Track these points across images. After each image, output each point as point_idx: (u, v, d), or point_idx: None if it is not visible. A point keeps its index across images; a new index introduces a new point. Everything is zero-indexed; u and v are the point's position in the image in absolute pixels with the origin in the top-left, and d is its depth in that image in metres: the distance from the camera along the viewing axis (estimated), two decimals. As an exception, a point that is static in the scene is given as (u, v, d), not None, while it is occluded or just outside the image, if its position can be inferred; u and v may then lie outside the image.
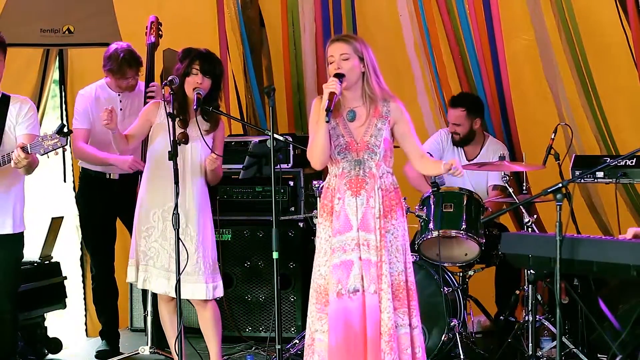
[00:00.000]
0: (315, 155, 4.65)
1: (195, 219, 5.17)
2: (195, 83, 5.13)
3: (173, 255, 4.96)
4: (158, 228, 5.17)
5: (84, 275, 6.90)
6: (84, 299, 6.92)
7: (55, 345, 6.37)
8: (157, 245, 5.17)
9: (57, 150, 4.88)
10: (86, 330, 6.97)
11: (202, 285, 5.16)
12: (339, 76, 4.56)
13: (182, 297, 5.15)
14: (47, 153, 4.90)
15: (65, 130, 4.88)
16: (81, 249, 6.75)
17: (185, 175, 5.17)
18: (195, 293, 5.16)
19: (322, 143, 4.60)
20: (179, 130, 5.09)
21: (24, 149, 4.88)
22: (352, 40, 4.66)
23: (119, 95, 6.15)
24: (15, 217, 5.22)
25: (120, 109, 6.14)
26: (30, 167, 5.08)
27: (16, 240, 5.26)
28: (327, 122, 4.51)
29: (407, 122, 4.71)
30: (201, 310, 5.27)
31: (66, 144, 4.89)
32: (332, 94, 4.50)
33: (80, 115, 6.11)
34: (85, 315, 6.94)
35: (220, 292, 5.26)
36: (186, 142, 5.11)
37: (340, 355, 4.55)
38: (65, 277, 6.47)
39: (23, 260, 6.08)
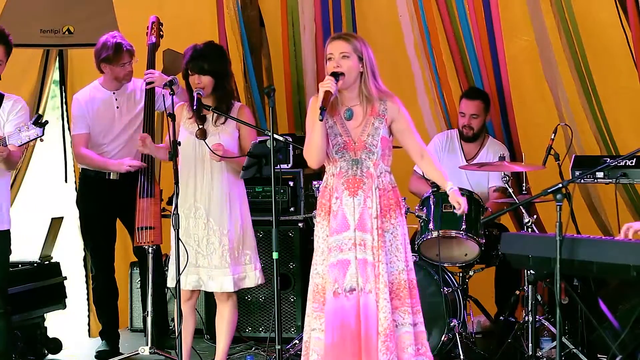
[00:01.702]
0: (311, 154, 4.65)
1: (218, 212, 5.22)
2: (194, 84, 5.18)
3: (199, 250, 5.07)
4: (182, 226, 5.19)
5: (87, 276, 6.89)
6: (87, 299, 6.91)
7: (55, 346, 6.38)
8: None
9: (33, 141, 4.91)
10: (89, 330, 6.96)
11: (229, 278, 5.22)
12: (336, 75, 4.55)
13: (210, 290, 5.28)
14: (23, 144, 4.94)
15: (42, 121, 4.89)
16: (84, 249, 6.75)
17: (205, 170, 5.22)
18: (224, 286, 5.22)
19: (317, 142, 4.60)
20: (197, 128, 5.20)
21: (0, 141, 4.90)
22: (352, 39, 4.65)
23: (113, 93, 6.16)
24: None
25: (117, 107, 6.15)
26: (10, 161, 5.07)
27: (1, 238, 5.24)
28: (321, 120, 4.50)
29: (405, 119, 4.70)
30: (222, 305, 5.34)
31: (42, 135, 4.89)
32: (327, 93, 4.49)
33: (77, 120, 6.12)
34: (89, 316, 6.93)
35: (249, 283, 5.34)
36: (204, 138, 5.17)
37: (336, 354, 4.56)
38: (65, 278, 6.47)
39: (23, 260, 6.12)
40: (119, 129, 6.12)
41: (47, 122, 4.94)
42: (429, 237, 5.73)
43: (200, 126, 5.19)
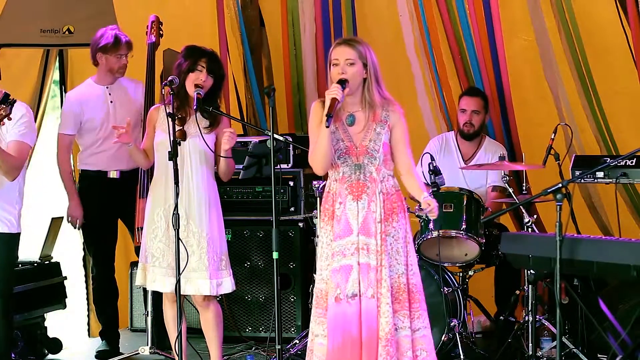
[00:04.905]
0: (317, 160, 4.64)
1: (197, 215, 5.15)
2: (199, 80, 5.11)
3: (181, 253, 4.97)
4: (161, 228, 5.17)
5: (87, 276, 6.89)
6: (87, 299, 6.91)
7: (55, 346, 6.38)
8: (162, 245, 5.16)
9: (2, 120, 4.81)
10: (89, 330, 6.96)
11: (206, 281, 5.14)
12: (342, 82, 4.55)
13: (187, 294, 5.18)
14: None
15: (10, 99, 4.80)
16: (83, 249, 6.76)
17: (185, 173, 5.14)
18: (200, 289, 5.15)
19: (324, 148, 4.58)
20: (176, 128, 5.06)
21: None
22: (357, 45, 4.63)
23: (107, 88, 6.15)
24: (1, 217, 5.20)
25: (111, 102, 6.15)
26: (4, 162, 5.02)
27: (3, 240, 5.21)
28: (327, 127, 4.50)
29: (402, 131, 4.68)
30: (203, 311, 5.26)
31: (10, 113, 4.81)
32: (334, 100, 4.49)
33: (65, 118, 6.14)
34: (88, 316, 6.94)
35: (225, 289, 5.22)
36: (183, 139, 5.11)
37: None
38: (65, 277, 6.46)
39: (23, 260, 6.11)
40: (118, 122, 6.10)
41: (14, 100, 4.83)
42: (429, 237, 5.73)
43: (180, 127, 5.10)
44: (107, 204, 6.14)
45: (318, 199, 5.59)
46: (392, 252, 4.61)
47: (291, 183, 6.44)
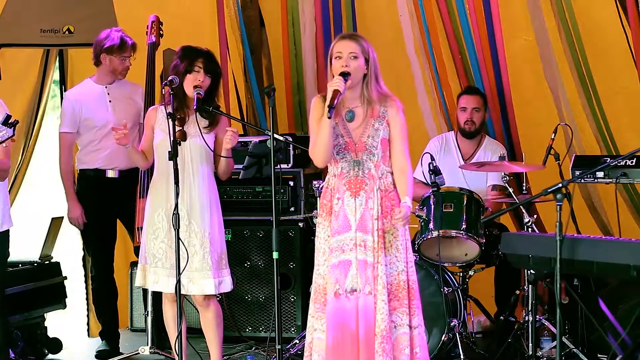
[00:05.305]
0: (318, 153, 4.64)
1: (199, 214, 5.15)
2: (197, 80, 5.11)
3: (181, 253, 4.99)
4: (163, 228, 5.16)
5: (86, 276, 6.89)
6: (87, 299, 6.91)
7: (55, 346, 6.38)
8: (165, 245, 5.15)
9: (5, 142, 4.81)
10: (88, 330, 6.96)
11: (210, 281, 5.14)
12: (345, 75, 4.56)
13: (192, 293, 5.18)
14: None
15: (12, 120, 4.80)
16: (83, 249, 6.75)
17: (186, 173, 5.15)
18: (205, 289, 5.15)
19: (325, 140, 4.59)
20: (176, 129, 5.06)
21: None
22: (361, 40, 4.67)
23: (106, 87, 6.15)
24: None
25: (110, 101, 6.15)
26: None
27: None
28: (329, 117, 4.51)
29: (399, 125, 4.68)
30: (203, 310, 5.26)
31: (13, 135, 4.81)
32: (336, 92, 4.50)
33: (64, 117, 6.14)
34: (88, 316, 6.93)
35: (225, 288, 5.22)
36: (184, 140, 5.10)
37: (337, 355, 4.57)
38: (65, 277, 6.47)
39: (23, 260, 6.12)
40: (113, 123, 6.09)
41: (17, 121, 4.84)
42: (429, 236, 5.73)
43: (179, 128, 5.09)
44: (105, 204, 6.13)
45: (318, 198, 5.59)
46: (392, 249, 4.63)
47: (291, 183, 6.44)
